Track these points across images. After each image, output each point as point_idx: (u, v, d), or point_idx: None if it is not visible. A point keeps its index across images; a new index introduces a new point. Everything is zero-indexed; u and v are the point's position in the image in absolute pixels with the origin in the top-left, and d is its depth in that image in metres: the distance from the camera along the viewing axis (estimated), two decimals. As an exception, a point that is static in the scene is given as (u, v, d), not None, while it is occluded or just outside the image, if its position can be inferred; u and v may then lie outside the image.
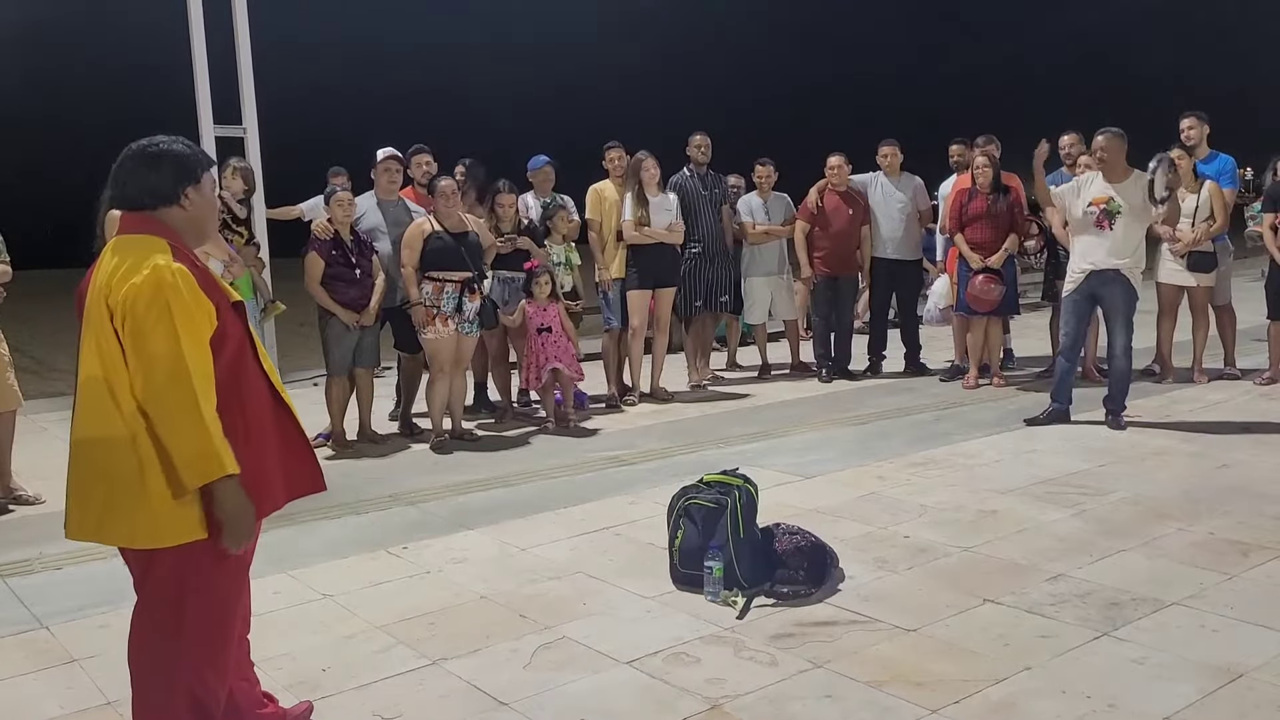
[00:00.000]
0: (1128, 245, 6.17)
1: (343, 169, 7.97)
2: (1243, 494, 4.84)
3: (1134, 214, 6.16)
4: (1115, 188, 6.18)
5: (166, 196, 2.46)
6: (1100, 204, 6.19)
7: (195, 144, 2.60)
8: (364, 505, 5.18)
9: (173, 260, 2.34)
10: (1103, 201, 6.18)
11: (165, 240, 2.39)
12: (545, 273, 6.89)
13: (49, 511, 5.25)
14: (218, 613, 2.48)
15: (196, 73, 8.48)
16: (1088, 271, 6.24)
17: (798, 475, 5.47)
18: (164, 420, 2.28)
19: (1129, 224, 6.15)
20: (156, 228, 2.43)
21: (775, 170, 8.49)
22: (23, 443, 5.94)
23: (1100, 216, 6.17)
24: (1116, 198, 6.15)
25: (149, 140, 2.51)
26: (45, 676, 3.33)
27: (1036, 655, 3.21)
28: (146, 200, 2.45)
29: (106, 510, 2.36)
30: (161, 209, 2.46)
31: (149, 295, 2.28)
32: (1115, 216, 6.14)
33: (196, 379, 2.28)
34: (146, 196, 2.45)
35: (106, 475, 2.34)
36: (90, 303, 2.37)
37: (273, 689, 2.90)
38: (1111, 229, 6.15)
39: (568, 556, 4.32)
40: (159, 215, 2.46)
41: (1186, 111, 7.56)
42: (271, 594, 3.87)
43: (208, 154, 2.64)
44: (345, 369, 6.44)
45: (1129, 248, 6.18)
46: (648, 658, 3.29)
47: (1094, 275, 6.23)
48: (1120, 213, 6.13)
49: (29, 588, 4.17)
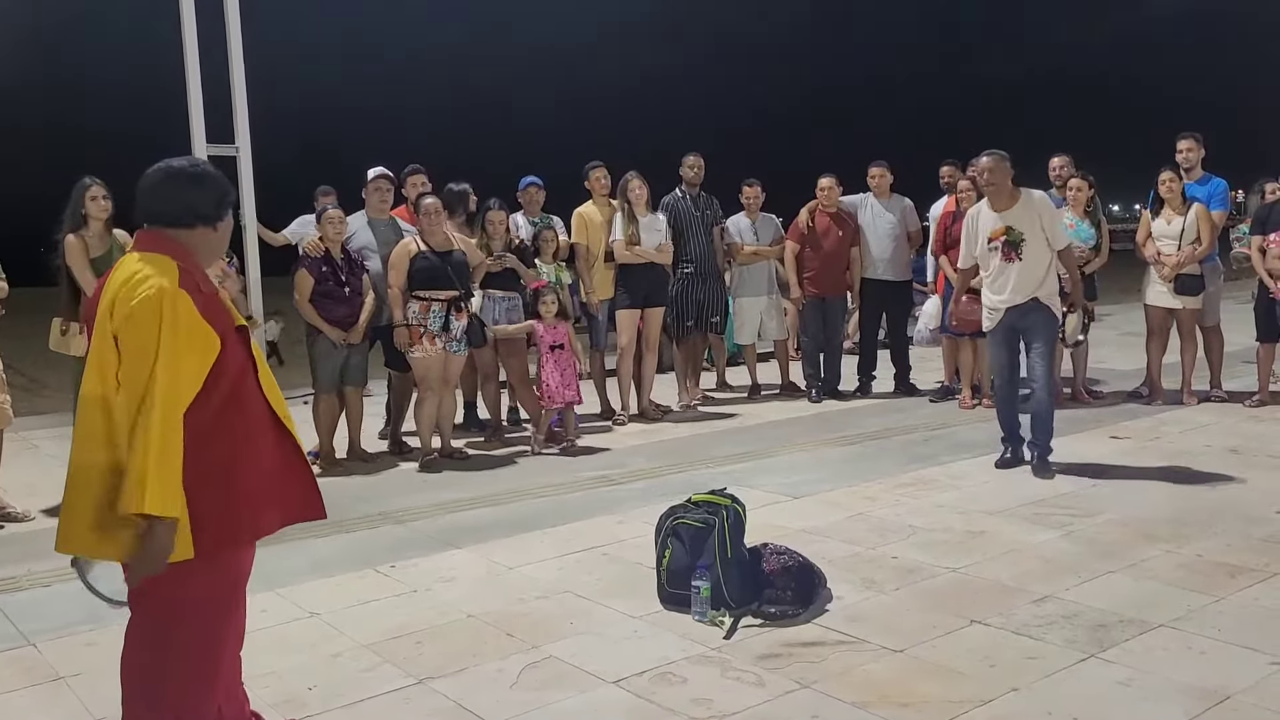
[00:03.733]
0: (1038, 272, 5.72)
1: (331, 188, 7.99)
2: (1231, 516, 4.86)
3: (1036, 238, 5.71)
4: (1006, 215, 5.76)
5: (207, 216, 2.52)
6: (999, 237, 5.75)
7: (219, 171, 2.67)
8: (352, 523, 5.16)
9: (178, 284, 2.35)
10: (1001, 234, 5.75)
11: (176, 263, 2.40)
12: (551, 292, 6.93)
13: (37, 529, 5.23)
14: (208, 633, 2.48)
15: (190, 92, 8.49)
16: (1004, 308, 5.81)
17: (786, 495, 5.48)
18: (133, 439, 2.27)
19: (1034, 249, 5.70)
20: (172, 247, 2.44)
21: (763, 190, 8.54)
22: (13, 460, 5.92)
23: (1005, 249, 5.74)
24: (1015, 226, 5.72)
25: (189, 160, 2.60)
26: (32, 694, 3.31)
27: (1023, 676, 3.22)
28: (179, 219, 2.49)
29: (98, 526, 2.35)
30: (198, 227, 2.50)
31: (148, 317, 2.29)
32: (1020, 245, 5.69)
33: (168, 409, 2.27)
34: (187, 215, 2.49)
35: (98, 491, 2.34)
36: (97, 319, 2.38)
37: (259, 707, 2.88)
38: (1019, 259, 5.71)
39: (555, 576, 4.31)
40: (179, 235, 2.48)
41: (1184, 133, 7.62)
42: (259, 612, 3.84)
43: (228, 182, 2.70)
44: (332, 387, 6.43)
45: (1040, 274, 5.73)
46: (634, 677, 3.29)
47: (1012, 310, 5.79)
48: (1024, 240, 5.69)
49: (16, 605, 4.14)
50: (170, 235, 2.47)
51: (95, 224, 5.60)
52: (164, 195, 2.50)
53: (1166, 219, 7.46)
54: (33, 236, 7.09)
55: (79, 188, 5.64)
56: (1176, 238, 7.38)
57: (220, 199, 2.56)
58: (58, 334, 5.65)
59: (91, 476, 2.34)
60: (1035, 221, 5.73)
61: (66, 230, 5.56)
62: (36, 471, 6.32)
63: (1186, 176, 7.50)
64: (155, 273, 2.35)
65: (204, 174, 2.56)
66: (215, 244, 2.58)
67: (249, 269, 8.30)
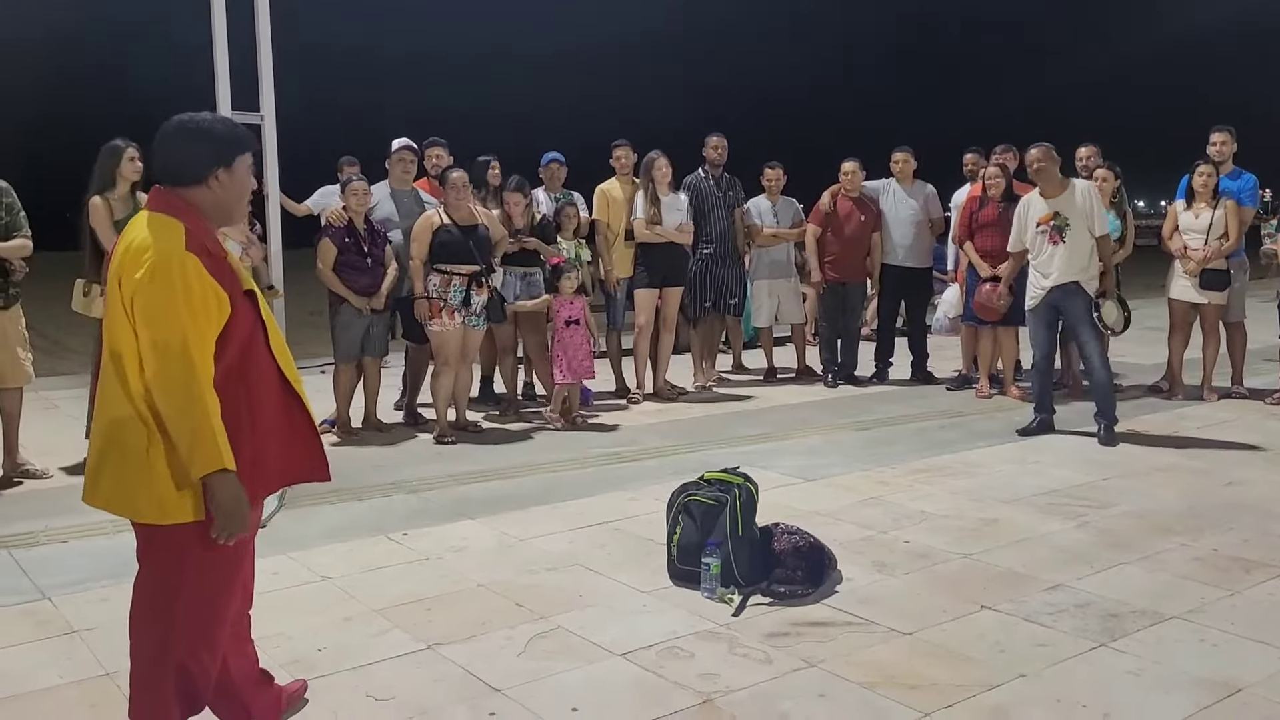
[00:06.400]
0: (1081, 255, 6.26)
1: (355, 158, 8.00)
2: (1248, 512, 4.82)
3: (1080, 224, 6.25)
4: (1054, 202, 6.30)
5: (196, 176, 2.43)
6: (1048, 221, 6.31)
7: (236, 124, 2.56)
8: (366, 491, 5.19)
9: (185, 246, 2.32)
10: (1050, 219, 6.30)
11: (183, 224, 2.36)
12: (573, 269, 6.94)
13: (56, 486, 5.30)
14: (213, 592, 2.49)
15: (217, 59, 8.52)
16: (1048, 288, 6.34)
17: (799, 478, 5.47)
18: (167, 410, 2.28)
19: (1077, 234, 6.24)
20: (180, 207, 2.41)
21: (785, 173, 8.50)
22: (34, 419, 5.99)
23: (1052, 233, 6.30)
24: (1061, 212, 6.27)
25: (190, 116, 2.47)
26: (46, 646, 3.35)
27: (1032, 663, 3.21)
28: (177, 177, 2.44)
29: (116, 482, 2.38)
30: (191, 187, 2.43)
31: (157, 285, 2.27)
32: (1065, 229, 6.25)
33: (200, 370, 2.28)
34: (177, 172, 2.44)
35: (118, 448, 2.36)
36: (109, 279, 2.38)
37: (269, 666, 2.90)
38: (1064, 242, 6.26)
39: (566, 549, 4.33)
40: (186, 194, 2.43)
41: (1218, 126, 7.53)
42: (271, 574, 3.89)
43: (249, 137, 2.57)
44: (353, 357, 6.46)
45: (1083, 258, 6.26)
46: (641, 650, 3.29)
47: (1055, 290, 6.33)
48: (1069, 225, 6.24)
49: (33, 560, 4.20)
50: (178, 194, 2.43)
51: (123, 185, 5.62)
52: (164, 150, 2.45)
53: (1195, 212, 7.37)
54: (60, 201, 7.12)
55: (112, 150, 5.63)
56: (1204, 232, 7.30)
57: (218, 154, 2.44)
58: (80, 295, 5.69)
59: (111, 428, 2.36)
60: (1080, 208, 6.25)
61: (93, 192, 5.58)
62: (56, 431, 6.39)
63: (1218, 170, 7.40)
64: (161, 237, 2.32)
65: (197, 130, 2.44)
66: (223, 203, 2.48)
67: (270, 238, 8.34)
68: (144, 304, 2.28)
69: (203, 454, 2.29)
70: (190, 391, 2.27)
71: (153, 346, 2.27)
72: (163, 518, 2.35)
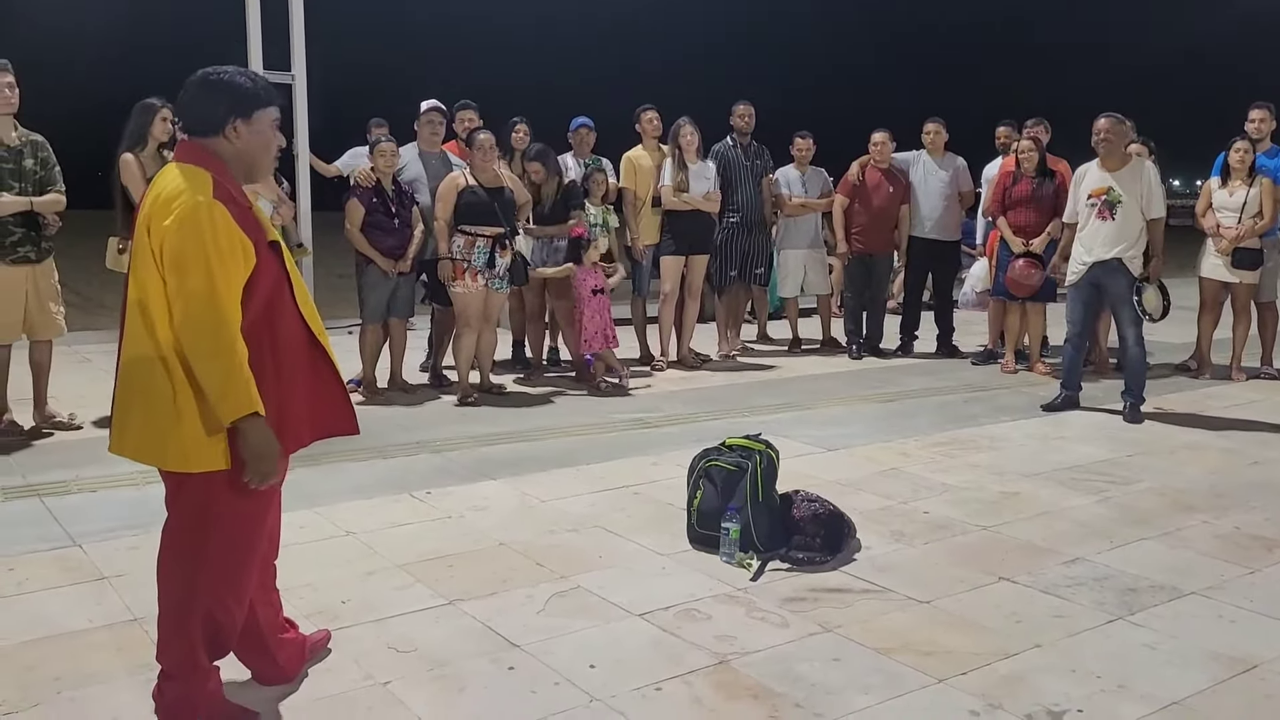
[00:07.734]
0: (1129, 234, 6.09)
1: (384, 120, 8.02)
2: (1272, 491, 4.79)
3: (1134, 202, 6.08)
4: (1113, 176, 6.11)
5: (214, 126, 2.45)
6: (1100, 195, 6.13)
7: (260, 79, 2.57)
8: (390, 450, 5.25)
9: (212, 195, 2.34)
10: (1103, 192, 6.12)
11: (209, 174, 2.39)
12: (594, 239, 6.94)
13: (86, 437, 5.39)
14: (240, 540, 2.53)
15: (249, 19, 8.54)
16: (1089, 264, 6.20)
17: (821, 447, 5.48)
18: (196, 356, 2.31)
19: (1129, 212, 6.08)
20: (206, 158, 2.44)
21: (814, 143, 8.44)
22: (66, 371, 6.09)
23: (1102, 208, 6.12)
24: (1116, 187, 6.08)
25: (213, 68, 2.50)
26: (76, 591, 3.43)
27: (1048, 634, 3.22)
28: (196, 127, 2.48)
29: (143, 431, 2.41)
30: (210, 138, 2.46)
31: (186, 231, 2.29)
32: (1116, 206, 6.08)
33: (229, 315, 2.31)
34: (197, 123, 2.48)
35: (144, 397, 2.39)
36: (138, 227, 2.41)
37: (293, 616, 2.96)
38: (1113, 219, 6.09)
39: (587, 511, 4.37)
40: (209, 144, 2.46)
41: (1258, 102, 7.40)
42: (297, 528, 3.95)
43: (271, 91, 2.57)
44: (380, 317, 6.51)
45: (1130, 236, 6.10)
46: (659, 611, 3.33)
47: (1097, 266, 6.18)
48: (1121, 202, 6.07)
49: (65, 508, 4.28)
50: (202, 145, 2.46)
51: (152, 144, 5.66)
52: (186, 101, 2.50)
53: (1230, 190, 7.27)
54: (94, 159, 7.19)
55: (146, 108, 5.66)
56: (1238, 210, 7.20)
57: (234, 106, 2.45)
58: (114, 252, 5.75)
59: (137, 377, 2.39)
60: (1138, 187, 6.07)
61: (125, 148, 5.63)
62: (87, 382, 6.49)
63: (1256, 147, 7.29)
64: (189, 186, 2.35)
65: (216, 83, 2.46)
66: (243, 155, 2.49)
67: (299, 197, 8.39)
68: (173, 250, 2.30)
69: (233, 398, 2.31)
70: (220, 336, 2.29)
71: (181, 292, 2.29)
72: (190, 465, 2.38)
